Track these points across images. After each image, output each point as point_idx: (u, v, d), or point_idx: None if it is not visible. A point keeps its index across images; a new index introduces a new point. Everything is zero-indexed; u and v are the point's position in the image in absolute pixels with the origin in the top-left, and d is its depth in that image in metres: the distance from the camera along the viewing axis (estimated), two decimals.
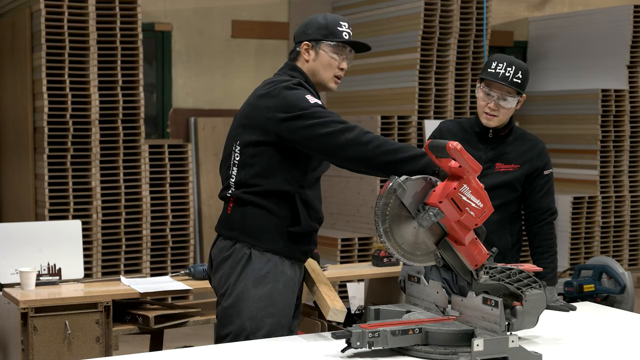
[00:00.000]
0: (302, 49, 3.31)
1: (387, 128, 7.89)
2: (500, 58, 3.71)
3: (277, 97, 3.16)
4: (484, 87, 3.72)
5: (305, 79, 3.30)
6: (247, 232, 3.19)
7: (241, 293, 3.16)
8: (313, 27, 3.30)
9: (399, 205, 2.81)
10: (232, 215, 3.24)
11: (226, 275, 3.21)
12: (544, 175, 3.80)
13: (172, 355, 2.96)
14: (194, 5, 8.58)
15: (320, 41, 3.28)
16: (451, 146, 2.73)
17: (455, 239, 2.83)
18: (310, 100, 3.13)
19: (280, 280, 3.18)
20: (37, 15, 6.81)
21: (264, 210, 3.18)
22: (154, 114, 8.52)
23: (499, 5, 9.76)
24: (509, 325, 2.77)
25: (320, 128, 3.06)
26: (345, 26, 3.32)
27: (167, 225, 7.21)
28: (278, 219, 3.19)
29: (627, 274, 6.32)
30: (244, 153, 3.21)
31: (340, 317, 3.15)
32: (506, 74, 3.65)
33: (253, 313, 3.14)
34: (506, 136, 3.81)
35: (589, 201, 8.82)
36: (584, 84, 9.13)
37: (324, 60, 3.29)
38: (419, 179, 2.84)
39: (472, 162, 2.74)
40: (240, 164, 3.22)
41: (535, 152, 3.80)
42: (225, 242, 3.24)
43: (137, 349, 5.83)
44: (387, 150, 3.02)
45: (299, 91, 3.17)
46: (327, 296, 3.20)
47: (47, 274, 4.42)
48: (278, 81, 3.23)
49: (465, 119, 3.98)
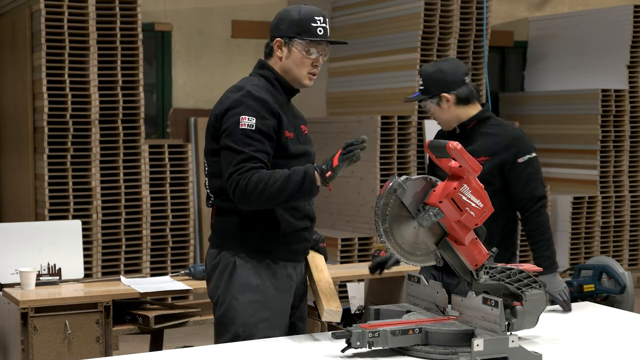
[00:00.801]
0: (274, 46, 3.23)
1: (387, 128, 7.88)
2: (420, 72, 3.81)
3: (222, 107, 3.14)
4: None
5: (275, 77, 3.23)
6: (231, 239, 3.17)
7: (230, 301, 3.14)
8: (286, 22, 3.20)
9: (399, 205, 2.81)
10: (216, 224, 3.23)
11: (215, 284, 3.20)
12: (519, 164, 3.65)
13: (172, 355, 2.96)
14: (194, 5, 8.57)
15: (292, 38, 3.19)
16: (451, 146, 2.73)
17: (455, 239, 2.83)
18: (242, 123, 3.06)
19: (269, 284, 3.15)
20: (37, 15, 6.81)
21: (244, 216, 3.15)
22: (154, 114, 8.52)
23: (499, 5, 9.75)
24: (509, 325, 2.77)
25: (228, 155, 3.07)
26: (320, 20, 3.20)
27: (167, 225, 7.20)
28: (259, 224, 3.15)
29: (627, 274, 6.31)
30: (210, 163, 3.21)
31: (336, 317, 3.14)
32: (420, 86, 3.78)
33: (245, 320, 3.12)
34: (474, 130, 3.75)
35: (589, 201, 8.82)
36: (584, 84, 9.13)
37: (296, 58, 3.20)
38: (419, 178, 2.84)
39: (472, 162, 2.74)
40: (210, 174, 3.21)
41: (504, 143, 3.67)
42: (212, 250, 3.24)
43: (137, 349, 5.83)
44: (271, 195, 3.01)
45: (239, 108, 3.09)
46: (323, 296, 3.19)
47: (47, 274, 4.42)
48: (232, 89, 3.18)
49: None
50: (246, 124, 3.06)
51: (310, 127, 3.62)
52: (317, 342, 2.98)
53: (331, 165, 3.04)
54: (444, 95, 3.71)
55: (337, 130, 8.42)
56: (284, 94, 3.26)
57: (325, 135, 8.55)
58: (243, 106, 3.09)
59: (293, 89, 3.28)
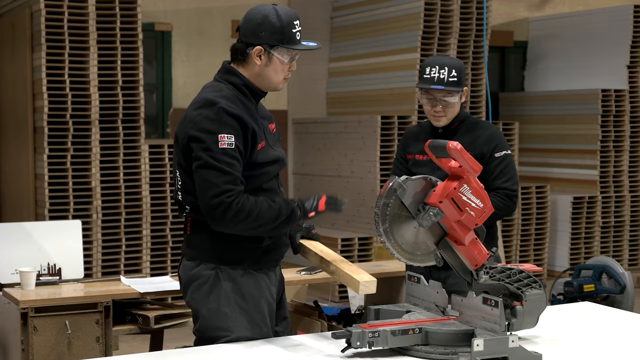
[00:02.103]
0: (253, 54, 3.08)
1: (387, 128, 7.89)
2: (432, 62, 3.80)
3: (194, 124, 3.00)
4: (425, 94, 3.83)
5: (244, 83, 3.11)
6: (209, 252, 3.08)
7: (213, 313, 3.06)
8: (267, 29, 3.05)
9: (399, 205, 2.81)
10: (193, 237, 3.13)
11: (194, 297, 3.10)
12: (495, 157, 3.81)
13: (172, 355, 2.96)
14: (194, 5, 8.58)
15: (275, 46, 3.07)
16: (451, 146, 2.73)
17: (455, 239, 2.83)
18: (221, 142, 2.96)
19: (251, 295, 3.08)
20: (37, 15, 6.81)
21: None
22: (154, 114, 8.52)
23: (499, 5, 9.76)
24: (509, 325, 2.77)
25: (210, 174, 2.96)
26: (297, 24, 3.09)
27: (167, 225, 7.20)
28: (238, 239, 3.07)
29: (627, 274, 6.32)
30: (182, 179, 3.09)
31: (372, 287, 3.01)
32: (441, 77, 3.76)
33: (228, 333, 3.04)
34: (456, 129, 3.88)
35: (589, 201, 8.82)
36: (584, 84, 9.14)
37: (276, 66, 3.09)
38: (419, 178, 2.84)
39: (472, 162, 2.74)
40: (183, 189, 3.10)
41: (484, 138, 3.83)
42: (189, 262, 3.13)
43: (137, 349, 5.83)
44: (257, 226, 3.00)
45: (215, 126, 2.97)
46: (350, 272, 3.08)
47: (47, 274, 4.41)
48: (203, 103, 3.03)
49: (426, 121, 4.03)
50: (226, 142, 2.96)
51: (311, 127, 3.62)
52: (317, 342, 2.97)
53: (316, 207, 3.12)
54: (465, 88, 3.86)
55: (337, 130, 8.42)
56: (253, 99, 3.15)
57: (325, 135, 8.56)
58: (219, 124, 2.97)
59: (261, 92, 3.17)
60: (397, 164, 4.01)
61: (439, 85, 3.76)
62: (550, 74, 9.70)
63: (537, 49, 9.93)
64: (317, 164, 8.60)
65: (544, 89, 9.64)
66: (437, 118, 3.84)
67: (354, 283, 3.02)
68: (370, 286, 3.01)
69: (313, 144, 8.68)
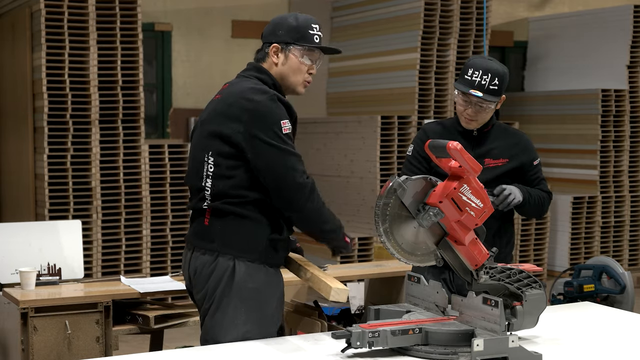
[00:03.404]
0: (270, 51, 3.19)
1: (387, 128, 7.88)
2: (477, 64, 3.68)
3: (252, 111, 3.04)
4: (461, 94, 3.72)
5: (273, 82, 3.17)
6: (230, 243, 3.09)
7: (227, 307, 3.08)
8: (283, 28, 3.17)
9: (399, 205, 2.81)
10: (211, 227, 3.13)
11: (211, 289, 3.11)
12: (534, 166, 3.85)
13: (172, 355, 2.96)
14: (194, 5, 8.58)
15: (290, 44, 3.16)
16: (451, 146, 2.73)
17: (455, 239, 2.83)
18: (284, 128, 3.04)
19: (266, 291, 3.11)
20: (37, 15, 6.82)
21: (246, 219, 3.08)
22: (154, 114, 8.53)
23: (499, 5, 9.76)
24: (509, 325, 2.77)
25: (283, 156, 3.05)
26: (317, 29, 3.19)
27: (167, 225, 7.21)
28: (261, 228, 3.10)
29: (627, 274, 6.32)
30: (219, 164, 3.10)
31: (343, 296, 3.04)
32: (482, 82, 3.64)
33: (241, 327, 3.06)
34: (489, 132, 3.84)
35: (589, 201, 8.82)
36: (584, 84, 9.14)
37: (293, 65, 3.17)
38: (419, 178, 2.84)
39: (472, 162, 2.74)
40: (215, 175, 3.10)
41: (522, 146, 3.83)
42: (206, 256, 3.13)
43: (137, 349, 5.83)
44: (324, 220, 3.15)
45: (276, 112, 3.05)
46: (324, 278, 3.13)
47: (47, 274, 4.41)
48: (254, 90, 3.09)
49: (448, 119, 3.98)
50: (288, 128, 3.06)
51: (310, 127, 3.63)
52: (317, 342, 2.98)
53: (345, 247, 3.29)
54: (503, 97, 3.79)
55: (337, 130, 8.42)
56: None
57: (325, 135, 8.56)
58: (278, 109, 3.05)
59: (284, 95, 3.21)
60: (415, 163, 3.81)
61: (477, 92, 3.64)
62: (550, 74, 9.70)
63: (537, 49, 9.93)
64: (317, 164, 8.60)
65: (544, 89, 9.64)
66: (468, 121, 3.74)
67: (327, 289, 3.06)
68: (342, 294, 3.04)
69: (313, 144, 8.68)
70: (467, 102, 3.70)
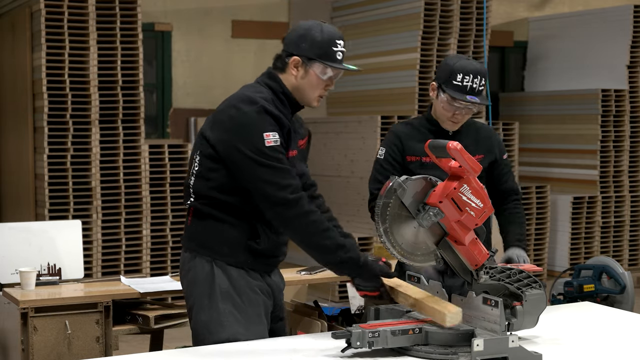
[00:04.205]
0: (290, 64, 3.09)
1: (387, 128, 7.88)
2: (465, 68, 3.54)
3: (235, 121, 3.00)
4: (451, 100, 3.58)
5: (283, 91, 3.11)
6: (207, 245, 3.09)
7: (204, 309, 3.06)
8: (307, 41, 3.05)
9: (399, 205, 2.81)
10: (192, 227, 3.15)
11: (189, 291, 3.12)
12: (504, 160, 3.84)
13: (172, 355, 2.96)
14: (194, 5, 8.58)
15: (312, 60, 3.06)
16: (451, 146, 2.73)
17: (455, 239, 2.83)
18: (267, 141, 2.96)
19: (245, 293, 3.08)
20: (37, 15, 6.82)
21: (224, 223, 3.06)
22: (154, 114, 8.53)
23: (499, 5, 9.76)
24: (509, 325, 2.77)
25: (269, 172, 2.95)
26: (341, 45, 3.09)
27: (167, 225, 7.21)
28: (238, 233, 3.07)
29: (627, 274, 6.31)
30: (202, 164, 3.09)
31: (458, 318, 2.79)
32: (474, 86, 3.54)
33: (219, 329, 3.04)
34: (461, 129, 3.75)
35: (589, 201, 8.82)
36: (584, 84, 9.14)
37: (312, 80, 3.09)
38: (419, 178, 2.84)
39: (472, 162, 2.74)
40: (198, 174, 3.10)
41: (494, 140, 3.83)
42: (186, 254, 3.15)
43: (137, 349, 5.83)
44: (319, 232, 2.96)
45: (259, 124, 2.97)
46: (433, 303, 2.89)
47: (47, 274, 4.41)
48: (243, 100, 3.04)
49: (414, 118, 3.88)
50: (272, 140, 2.96)
51: (311, 127, 3.59)
52: (317, 342, 2.98)
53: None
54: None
55: (337, 130, 8.42)
56: (289, 109, 3.15)
57: (325, 135, 8.56)
58: (263, 121, 2.98)
59: (298, 105, 3.18)
60: (388, 167, 3.71)
61: (474, 98, 3.54)
62: (550, 74, 9.69)
63: (537, 49, 9.93)
64: (317, 164, 8.60)
65: (544, 89, 9.64)
66: (453, 124, 3.67)
67: (440, 316, 2.79)
68: (457, 317, 2.78)
69: (313, 144, 8.67)
70: (454, 107, 3.59)
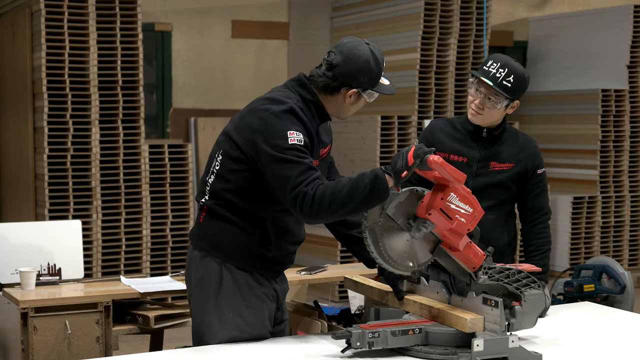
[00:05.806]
0: (346, 94, 3.08)
1: (387, 128, 7.89)
2: (497, 57, 3.60)
3: (262, 120, 2.97)
4: (476, 83, 3.62)
5: (313, 100, 3.08)
6: (218, 246, 3.09)
7: (209, 310, 3.07)
8: (366, 74, 3.05)
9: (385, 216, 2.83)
10: (204, 226, 3.14)
11: (195, 290, 3.12)
12: (537, 174, 3.74)
13: (172, 355, 2.96)
14: (194, 5, 8.58)
15: (367, 90, 3.09)
16: (432, 160, 2.71)
17: (449, 246, 2.83)
18: (290, 138, 2.92)
19: (251, 297, 3.08)
20: (37, 15, 6.81)
21: (235, 227, 3.06)
22: (154, 114, 8.52)
23: (499, 5, 9.76)
24: (509, 326, 2.77)
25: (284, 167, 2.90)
26: (384, 66, 3.13)
27: (167, 225, 7.20)
28: (250, 238, 3.06)
29: (627, 274, 6.31)
30: (223, 164, 3.08)
31: (480, 324, 2.78)
32: (496, 75, 3.54)
33: (223, 330, 3.04)
34: (499, 135, 3.73)
35: (589, 201, 8.82)
36: (584, 84, 9.13)
37: (360, 104, 3.14)
38: (405, 191, 2.85)
39: (455, 173, 2.74)
40: (218, 174, 3.09)
41: (529, 152, 3.74)
42: (196, 252, 3.14)
43: (137, 349, 5.83)
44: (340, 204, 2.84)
45: (284, 122, 2.95)
46: (453, 311, 2.88)
47: (47, 274, 4.41)
48: (272, 100, 3.03)
49: (457, 117, 3.87)
50: (295, 138, 2.93)
51: None
52: (317, 342, 2.98)
53: (406, 163, 2.78)
54: (517, 102, 3.67)
55: (337, 130, 8.41)
56: (317, 119, 3.12)
57: None
58: (288, 121, 2.96)
59: (326, 115, 3.16)
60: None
61: (488, 80, 3.54)
62: (550, 74, 9.69)
63: (537, 49, 9.93)
64: None
65: (544, 89, 9.64)
66: (474, 112, 3.64)
67: (462, 322, 2.79)
68: (478, 323, 2.77)
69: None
70: (478, 91, 3.60)
